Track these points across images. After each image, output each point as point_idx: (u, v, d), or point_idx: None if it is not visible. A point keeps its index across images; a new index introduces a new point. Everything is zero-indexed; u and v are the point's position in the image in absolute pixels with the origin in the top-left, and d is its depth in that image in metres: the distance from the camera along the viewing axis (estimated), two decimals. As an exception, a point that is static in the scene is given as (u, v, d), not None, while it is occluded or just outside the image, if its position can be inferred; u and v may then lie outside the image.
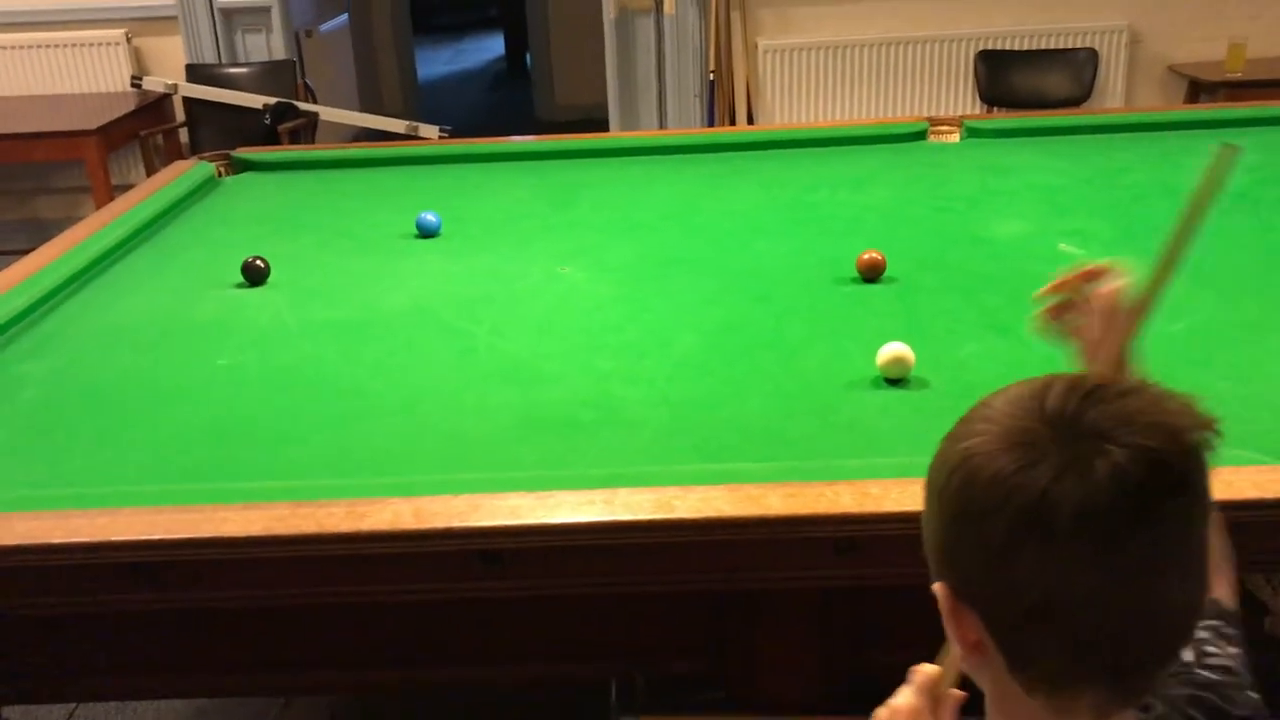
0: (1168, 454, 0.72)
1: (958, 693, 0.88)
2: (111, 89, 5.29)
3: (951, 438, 0.80)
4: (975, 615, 0.78)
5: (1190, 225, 1.02)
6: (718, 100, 5.03)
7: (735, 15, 4.99)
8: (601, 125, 5.50)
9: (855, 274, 2.27)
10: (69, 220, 4.56)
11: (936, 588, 0.80)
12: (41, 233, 4.77)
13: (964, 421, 0.80)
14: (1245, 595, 1.48)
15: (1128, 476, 0.71)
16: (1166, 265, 1.03)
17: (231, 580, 1.45)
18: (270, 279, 2.43)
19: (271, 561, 1.43)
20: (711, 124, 5.00)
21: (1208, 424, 0.74)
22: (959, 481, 0.76)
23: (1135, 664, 0.76)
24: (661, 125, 5.15)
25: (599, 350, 2.04)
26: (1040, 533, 0.72)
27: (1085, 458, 0.72)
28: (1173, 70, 5.00)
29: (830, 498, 1.39)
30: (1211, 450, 0.74)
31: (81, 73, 5.31)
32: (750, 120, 5.06)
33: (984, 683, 0.82)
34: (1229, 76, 4.67)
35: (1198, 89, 4.81)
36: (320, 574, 1.44)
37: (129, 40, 5.26)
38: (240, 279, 2.41)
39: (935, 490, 0.79)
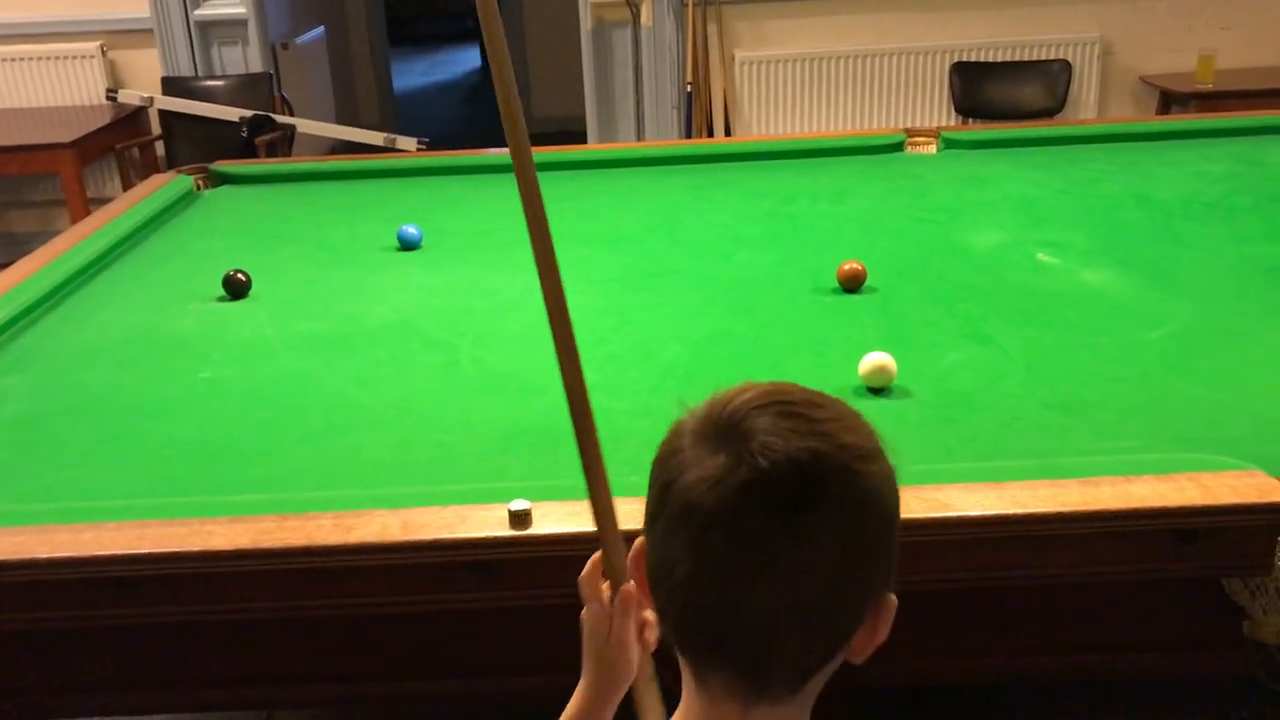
0: (770, 475, 0.74)
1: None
2: (86, 102, 5.26)
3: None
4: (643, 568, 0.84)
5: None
6: (695, 112, 5.05)
7: (712, 27, 5.02)
8: (579, 137, 5.50)
9: (836, 284, 2.29)
10: (43, 234, 4.55)
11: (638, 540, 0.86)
12: (15, 247, 4.75)
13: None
14: (1223, 599, 1.51)
15: (720, 484, 0.74)
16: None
17: (218, 594, 1.45)
18: (251, 292, 2.43)
19: (259, 575, 1.43)
20: (689, 135, 5.01)
21: (853, 460, 0.75)
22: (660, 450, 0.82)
23: (738, 656, 0.78)
24: (639, 137, 5.17)
25: (583, 362, 2.04)
26: (665, 513, 0.78)
27: (705, 458, 0.76)
28: (1144, 81, 5.06)
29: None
30: (849, 489, 0.75)
31: (56, 85, 5.28)
32: (728, 132, 5.09)
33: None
34: (1199, 88, 4.72)
35: (1169, 100, 4.87)
36: (308, 586, 1.44)
37: (104, 53, 5.24)
38: (221, 292, 2.41)
39: None
